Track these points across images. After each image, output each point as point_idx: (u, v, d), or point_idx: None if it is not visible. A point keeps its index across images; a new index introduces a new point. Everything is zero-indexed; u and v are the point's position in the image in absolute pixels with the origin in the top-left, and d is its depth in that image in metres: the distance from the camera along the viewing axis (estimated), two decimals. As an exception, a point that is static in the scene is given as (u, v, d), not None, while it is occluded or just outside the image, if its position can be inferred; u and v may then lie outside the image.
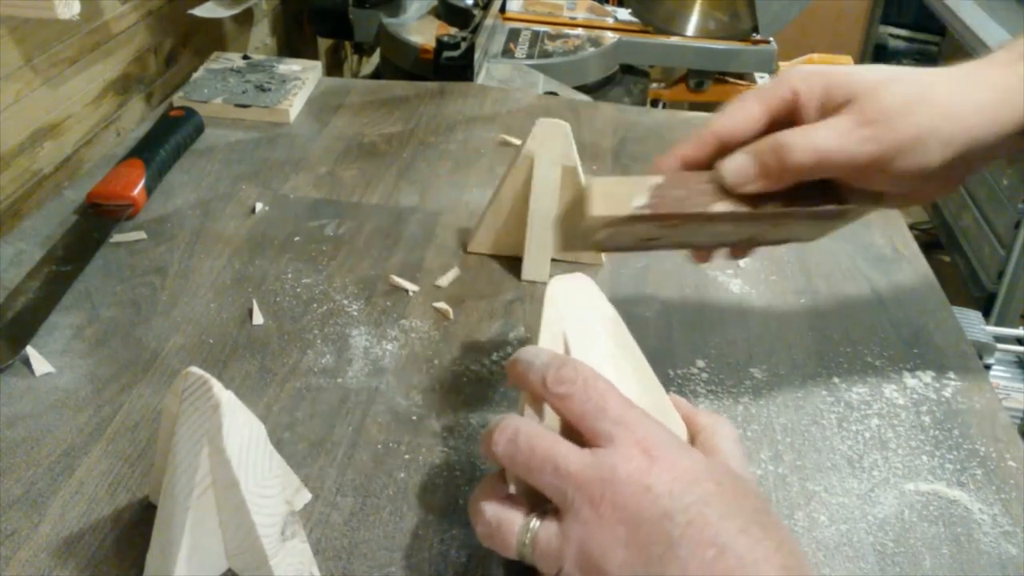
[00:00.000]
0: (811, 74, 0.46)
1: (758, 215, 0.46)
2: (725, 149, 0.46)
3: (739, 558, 0.34)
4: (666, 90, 1.36)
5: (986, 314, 1.77)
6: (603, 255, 0.69)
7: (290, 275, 0.66)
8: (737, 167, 0.45)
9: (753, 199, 0.45)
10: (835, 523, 0.48)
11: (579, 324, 0.44)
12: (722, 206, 0.45)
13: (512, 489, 0.40)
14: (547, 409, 0.41)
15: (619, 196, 0.45)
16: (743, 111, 0.47)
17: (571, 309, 0.45)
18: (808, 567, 0.36)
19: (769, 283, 0.68)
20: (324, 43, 1.50)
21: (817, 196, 0.46)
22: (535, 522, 0.38)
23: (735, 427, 0.43)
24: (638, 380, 0.44)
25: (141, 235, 0.69)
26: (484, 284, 0.66)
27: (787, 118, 0.46)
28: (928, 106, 0.44)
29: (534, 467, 0.38)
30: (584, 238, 0.48)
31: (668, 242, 0.51)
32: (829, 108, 0.45)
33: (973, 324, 0.90)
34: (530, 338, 0.60)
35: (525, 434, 0.39)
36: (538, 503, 0.39)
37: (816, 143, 0.44)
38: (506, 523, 0.39)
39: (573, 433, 0.39)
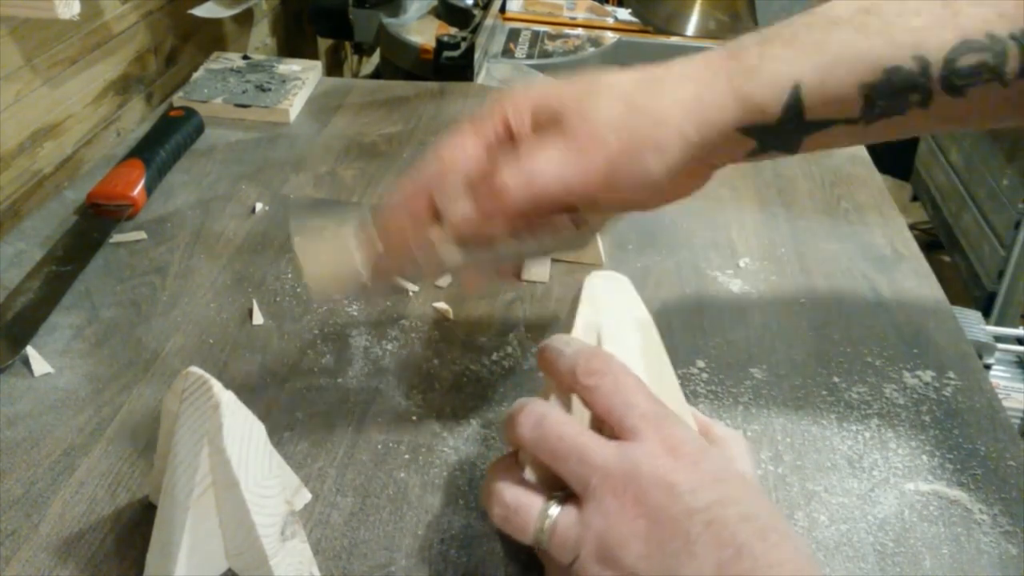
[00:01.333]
0: (520, 97, 0.46)
1: (492, 257, 0.46)
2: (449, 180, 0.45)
3: (755, 560, 0.34)
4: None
5: (986, 314, 1.77)
6: (602, 254, 0.69)
7: (290, 275, 0.66)
8: (458, 212, 0.44)
9: (483, 239, 0.45)
10: (835, 523, 0.48)
11: (613, 321, 0.45)
12: (452, 256, 0.45)
13: (527, 474, 0.40)
14: (575, 400, 0.41)
15: (334, 267, 0.44)
16: (457, 146, 0.45)
17: (607, 306, 0.45)
18: (820, 573, 0.36)
19: (769, 283, 0.68)
20: (324, 43, 1.50)
21: (556, 218, 0.46)
22: (555, 509, 0.38)
23: (748, 444, 0.43)
24: (661, 387, 0.44)
25: (141, 235, 0.69)
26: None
27: (507, 141, 0.45)
28: (634, 115, 0.43)
29: (560, 454, 0.38)
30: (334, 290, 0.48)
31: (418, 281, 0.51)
32: (540, 126, 0.44)
33: (973, 324, 0.91)
34: (529, 339, 0.60)
35: (553, 420, 0.39)
36: (552, 489, 0.39)
37: (529, 176, 0.43)
38: (524, 507, 0.39)
39: (600, 426, 0.40)
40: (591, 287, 0.46)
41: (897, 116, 0.43)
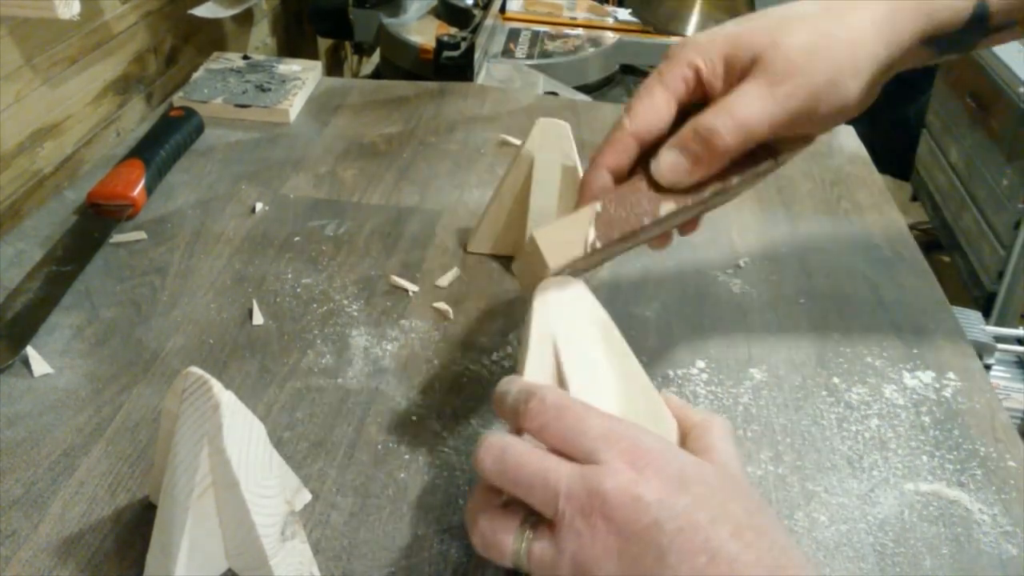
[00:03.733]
0: (707, 43, 0.46)
1: (703, 200, 0.46)
2: (646, 146, 0.46)
3: (731, 563, 0.34)
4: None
5: (986, 314, 1.77)
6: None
7: (290, 275, 0.66)
8: (670, 167, 0.45)
9: (693, 186, 0.46)
10: (835, 523, 0.48)
11: (569, 329, 0.44)
12: (666, 207, 0.46)
13: (505, 498, 0.40)
14: None
15: (567, 239, 0.45)
16: (652, 104, 0.46)
17: (561, 313, 0.44)
18: (805, 566, 0.36)
19: (769, 283, 0.68)
20: (324, 43, 1.51)
21: (753, 157, 0.47)
22: (529, 533, 0.38)
23: (730, 424, 0.43)
24: (628, 383, 0.43)
25: (141, 235, 0.69)
26: (484, 284, 0.66)
27: (697, 95, 0.46)
28: (831, 43, 0.44)
29: (523, 483, 0.38)
30: (538, 278, 0.48)
31: (625, 248, 0.51)
32: (735, 73, 0.45)
33: (973, 324, 0.90)
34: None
35: (513, 451, 0.39)
36: (530, 510, 0.39)
37: (739, 119, 0.43)
38: (501, 534, 0.39)
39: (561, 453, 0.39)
40: (542, 296, 0.45)
41: None
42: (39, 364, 0.56)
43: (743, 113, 0.43)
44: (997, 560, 0.46)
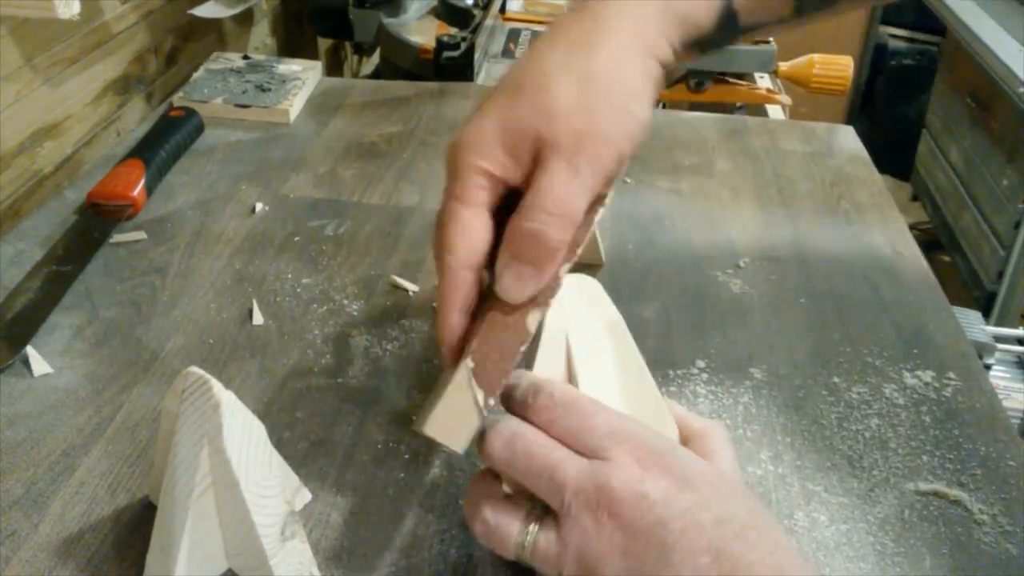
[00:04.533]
0: (480, 142, 0.41)
1: (558, 283, 0.43)
2: (480, 270, 0.42)
3: (734, 563, 0.34)
4: (666, 90, 1.36)
5: (986, 314, 1.77)
6: (603, 254, 0.69)
7: (290, 275, 0.66)
8: (512, 283, 0.41)
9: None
10: (835, 523, 0.48)
11: (581, 327, 0.44)
12: (533, 319, 0.42)
13: (507, 488, 0.40)
14: None
15: (459, 417, 0.40)
16: (465, 230, 0.41)
17: (574, 311, 0.45)
18: (805, 567, 0.36)
19: (769, 283, 0.68)
20: (324, 43, 1.50)
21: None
22: (534, 526, 0.38)
23: (729, 432, 0.43)
24: (635, 386, 0.43)
25: (141, 235, 0.69)
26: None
27: (499, 192, 0.42)
28: (600, 85, 0.42)
29: (531, 473, 0.38)
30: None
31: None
32: (525, 158, 0.41)
33: (973, 324, 0.90)
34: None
35: (524, 439, 0.38)
36: (532, 501, 0.39)
37: (559, 210, 0.40)
38: (504, 525, 0.39)
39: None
40: (558, 294, 0.44)
41: (826, 11, 0.46)
42: (39, 364, 0.56)
43: (561, 203, 0.40)
44: (997, 560, 0.46)
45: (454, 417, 0.40)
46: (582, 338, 0.44)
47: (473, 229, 0.41)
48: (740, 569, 0.34)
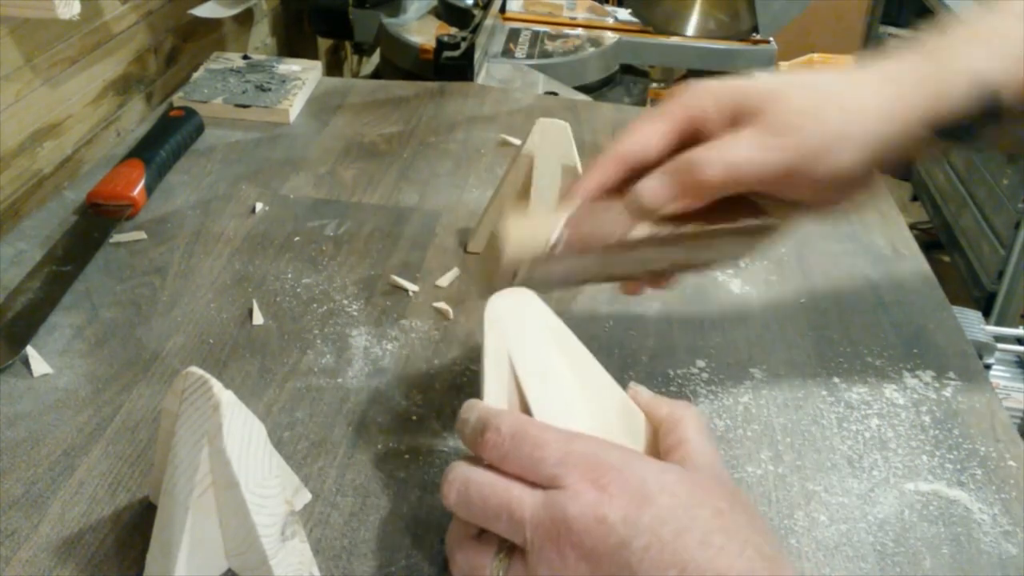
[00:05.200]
0: (712, 89, 0.46)
1: (679, 236, 0.46)
2: (635, 173, 0.46)
3: (702, 572, 0.34)
4: (666, 90, 1.37)
5: (986, 314, 1.77)
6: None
7: (290, 275, 0.66)
8: (652, 188, 0.44)
9: (672, 221, 0.45)
10: (835, 523, 0.48)
11: (523, 342, 0.43)
12: (640, 230, 0.45)
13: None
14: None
15: (533, 234, 0.45)
16: (649, 132, 0.46)
17: (513, 327, 0.44)
18: (777, 558, 0.36)
19: (769, 283, 0.68)
20: (324, 43, 1.50)
21: (739, 212, 0.46)
22: (504, 562, 0.38)
23: (702, 414, 0.43)
24: (590, 386, 0.43)
25: (141, 235, 0.69)
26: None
27: (693, 137, 0.45)
28: (833, 108, 0.44)
29: (489, 516, 0.38)
30: (504, 280, 0.47)
31: (594, 275, 0.51)
32: (734, 122, 0.44)
33: (973, 324, 0.90)
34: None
35: (476, 483, 0.39)
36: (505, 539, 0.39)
37: (727, 158, 0.43)
38: (477, 567, 0.39)
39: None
40: (492, 311, 0.44)
41: None
42: (39, 364, 0.56)
43: (733, 153, 0.43)
44: (997, 560, 0.46)
45: (528, 235, 0.45)
46: (525, 352, 0.43)
47: (651, 135, 0.46)
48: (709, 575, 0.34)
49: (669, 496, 0.37)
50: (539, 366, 0.43)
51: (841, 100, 0.44)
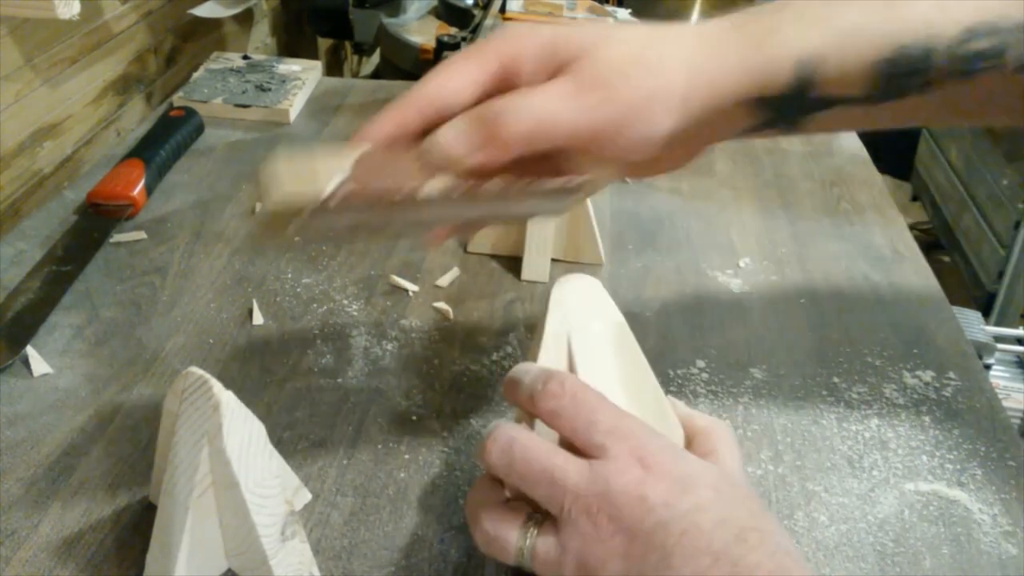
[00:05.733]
0: (529, 33, 0.43)
1: (479, 194, 0.41)
2: (439, 118, 0.42)
3: (734, 565, 0.34)
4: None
5: (986, 314, 1.77)
6: (602, 254, 0.69)
7: (290, 275, 0.66)
8: (450, 138, 0.40)
9: (475, 175, 0.40)
10: (835, 523, 0.48)
11: (583, 328, 0.44)
12: (435, 184, 0.40)
13: (508, 492, 0.40)
14: (539, 423, 0.40)
15: (309, 179, 0.39)
16: (458, 74, 0.42)
17: (576, 312, 0.45)
18: (806, 567, 0.36)
19: (769, 283, 0.68)
20: (324, 43, 1.51)
21: (550, 166, 0.42)
22: (533, 532, 0.38)
23: (732, 430, 0.43)
24: (638, 386, 0.43)
25: (141, 235, 0.69)
26: (484, 284, 0.66)
27: (506, 82, 0.42)
28: (648, 68, 0.41)
29: (530, 479, 0.38)
30: (274, 232, 0.42)
31: (380, 231, 0.45)
32: (546, 72, 0.41)
33: (973, 324, 0.91)
34: (530, 338, 0.60)
35: (521, 444, 0.38)
36: (533, 505, 0.39)
37: (533, 111, 0.40)
38: (504, 532, 0.38)
39: (567, 445, 0.39)
40: (559, 294, 0.45)
41: (902, 99, 0.42)
42: (39, 364, 0.56)
43: (539, 105, 0.40)
44: (997, 560, 0.46)
45: (305, 177, 0.39)
46: (584, 339, 0.44)
47: (454, 79, 0.42)
48: (741, 571, 0.34)
49: (710, 489, 0.37)
50: (594, 355, 0.43)
51: (658, 60, 0.42)
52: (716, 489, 0.37)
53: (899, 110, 0.43)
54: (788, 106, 0.43)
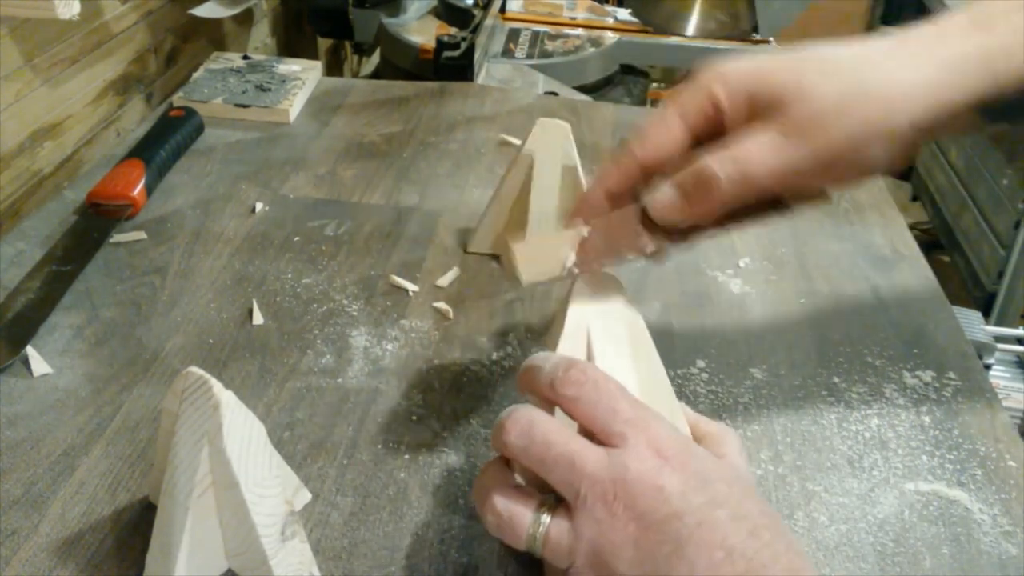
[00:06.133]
0: (732, 75, 0.42)
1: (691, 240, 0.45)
2: (650, 173, 0.43)
3: (747, 560, 0.34)
4: (666, 90, 1.36)
5: (986, 314, 1.77)
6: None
7: (290, 275, 0.66)
8: (663, 204, 0.42)
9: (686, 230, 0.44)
10: (835, 523, 0.48)
11: (602, 323, 0.45)
12: (652, 245, 0.44)
13: (519, 478, 0.40)
14: (558, 412, 0.41)
15: (546, 259, 0.46)
16: (664, 130, 0.43)
17: (596, 307, 0.45)
18: (813, 570, 0.36)
19: (769, 283, 0.68)
20: (324, 43, 1.50)
21: (751, 208, 0.43)
22: (546, 516, 0.38)
23: (740, 437, 0.43)
24: (651, 384, 0.44)
25: (141, 235, 0.69)
26: (484, 284, 0.66)
27: (712, 128, 0.42)
28: (866, 100, 0.39)
29: (548, 462, 0.37)
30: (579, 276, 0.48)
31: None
32: (755, 111, 0.41)
33: (973, 324, 0.90)
34: (530, 338, 0.60)
35: (541, 427, 0.38)
36: (544, 491, 0.39)
37: (742, 167, 0.40)
38: (517, 516, 0.38)
39: (585, 434, 0.39)
40: (580, 289, 0.46)
41: None
42: (39, 364, 0.56)
43: (747, 160, 0.40)
44: (997, 560, 0.46)
45: (542, 258, 0.47)
46: (603, 334, 0.44)
47: (670, 135, 0.43)
48: (754, 567, 0.34)
49: (725, 484, 0.37)
50: (611, 353, 0.44)
51: (876, 87, 0.39)
52: (731, 484, 0.37)
53: None
54: (1019, 106, 0.41)
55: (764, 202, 0.43)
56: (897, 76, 0.40)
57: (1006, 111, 0.41)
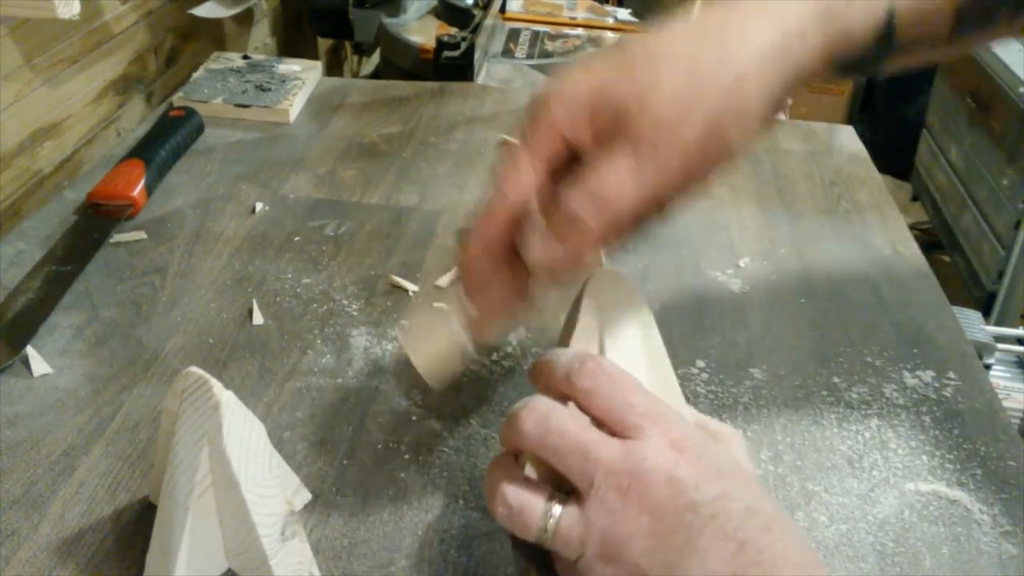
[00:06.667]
0: (570, 97, 0.40)
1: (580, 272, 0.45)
2: (520, 217, 0.42)
3: (759, 553, 0.34)
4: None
5: (986, 314, 1.77)
6: (603, 255, 0.69)
7: (290, 275, 0.66)
8: (539, 255, 0.40)
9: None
10: (835, 523, 0.48)
11: (614, 319, 0.45)
12: (544, 295, 0.44)
13: (528, 471, 0.40)
14: (572, 406, 0.41)
15: (443, 356, 0.46)
16: (518, 177, 0.41)
17: (609, 305, 0.46)
18: (823, 567, 0.36)
19: (769, 283, 0.68)
20: (324, 43, 1.51)
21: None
22: (557, 507, 0.38)
23: (745, 439, 0.43)
24: (660, 383, 0.44)
25: (141, 235, 0.69)
26: (484, 284, 0.66)
27: (570, 154, 0.41)
28: (703, 87, 0.38)
29: (563, 451, 0.38)
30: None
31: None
32: (602, 134, 0.39)
33: (973, 324, 0.91)
34: (530, 338, 0.60)
35: (557, 416, 0.38)
36: (553, 486, 0.39)
37: (603, 204, 0.38)
38: (527, 506, 0.38)
39: (599, 428, 0.39)
40: (593, 286, 0.46)
41: (983, 30, 0.41)
42: (39, 364, 0.56)
43: (607, 196, 0.38)
44: (997, 560, 0.46)
45: (440, 358, 0.46)
46: (615, 333, 0.45)
47: (524, 174, 0.41)
48: (765, 559, 0.34)
49: (739, 478, 0.37)
50: (623, 349, 0.44)
51: (719, 66, 0.38)
52: (744, 479, 0.37)
53: (977, 40, 0.43)
54: (867, 58, 0.41)
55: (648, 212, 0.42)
56: (736, 49, 0.38)
57: (853, 64, 0.41)
